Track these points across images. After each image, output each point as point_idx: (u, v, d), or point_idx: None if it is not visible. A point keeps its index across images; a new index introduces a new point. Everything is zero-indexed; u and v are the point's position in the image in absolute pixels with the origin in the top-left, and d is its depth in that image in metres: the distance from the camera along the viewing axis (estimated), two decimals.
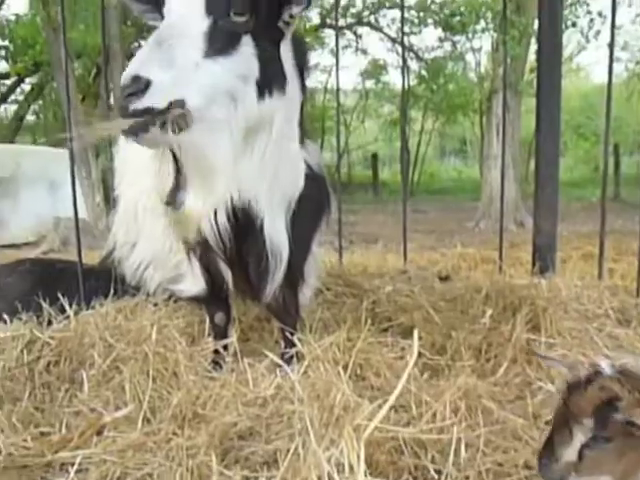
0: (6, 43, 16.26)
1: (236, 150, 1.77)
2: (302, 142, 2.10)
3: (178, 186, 1.86)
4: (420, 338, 2.13)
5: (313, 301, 2.63)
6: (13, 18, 16.31)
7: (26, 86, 18.21)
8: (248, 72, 1.74)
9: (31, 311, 2.43)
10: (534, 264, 3.32)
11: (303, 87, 1.98)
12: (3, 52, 16.58)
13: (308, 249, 2.28)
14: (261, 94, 1.76)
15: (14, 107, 18.80)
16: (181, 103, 1.61)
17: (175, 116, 1.60)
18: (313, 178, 2.14)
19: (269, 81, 1.77)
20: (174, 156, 1.84)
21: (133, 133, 1.59)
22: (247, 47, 1.74)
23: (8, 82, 17.64)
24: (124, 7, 10.30)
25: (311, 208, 2.17)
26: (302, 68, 1.97)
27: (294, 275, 2.20)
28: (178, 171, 1.86)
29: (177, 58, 1.63)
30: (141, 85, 1.55)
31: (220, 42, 1.70)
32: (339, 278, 3.11)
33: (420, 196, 20.92)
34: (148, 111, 1.57)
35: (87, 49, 11.01)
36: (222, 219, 1.87)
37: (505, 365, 2.20)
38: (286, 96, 1.84)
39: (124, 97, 1.55)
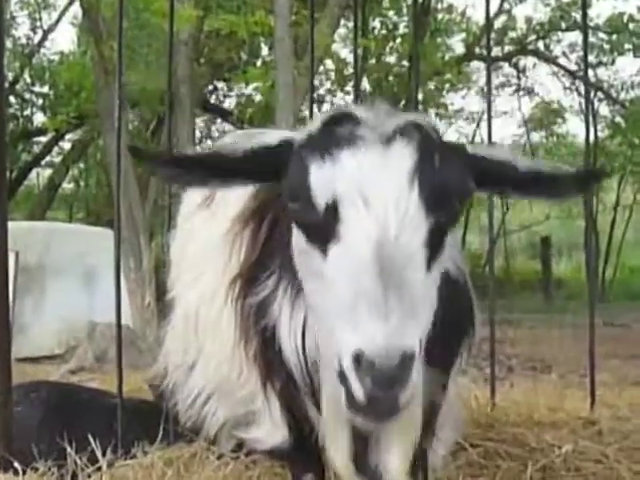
0: (45, 90, 17.94)
1: None
2: None
3: None
4: None
5: (450, 464, 2.58)
6: (56, 58, 18.09)
7: (66, 144, 19.82)
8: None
9: (42, 455, 2.51)
10: None
11: None
12: (41, 101, 18.28)
13: (441, 390, 2.22)
14: None
15: (48, 172, 20.38)
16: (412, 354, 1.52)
17: None
18: (447, 284, 2.03)
19: None
20: None
21: None
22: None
23: (44, 139, 19.23)
24: (196, 41, 11.08)
25: (444, 331, 2.04)
26: None
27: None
28: None
29: (415, 299, 1.58)
30: (409, 365, 1.48)
31: (437, 249, 1.70)
32: (490, 428, 3.05)
33: (616, 302, 20.24)
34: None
35: (146, 95, 11.85)
36: (310, 346, 1.91)
37: None
38: None
39: (379, 384, 1.46)
